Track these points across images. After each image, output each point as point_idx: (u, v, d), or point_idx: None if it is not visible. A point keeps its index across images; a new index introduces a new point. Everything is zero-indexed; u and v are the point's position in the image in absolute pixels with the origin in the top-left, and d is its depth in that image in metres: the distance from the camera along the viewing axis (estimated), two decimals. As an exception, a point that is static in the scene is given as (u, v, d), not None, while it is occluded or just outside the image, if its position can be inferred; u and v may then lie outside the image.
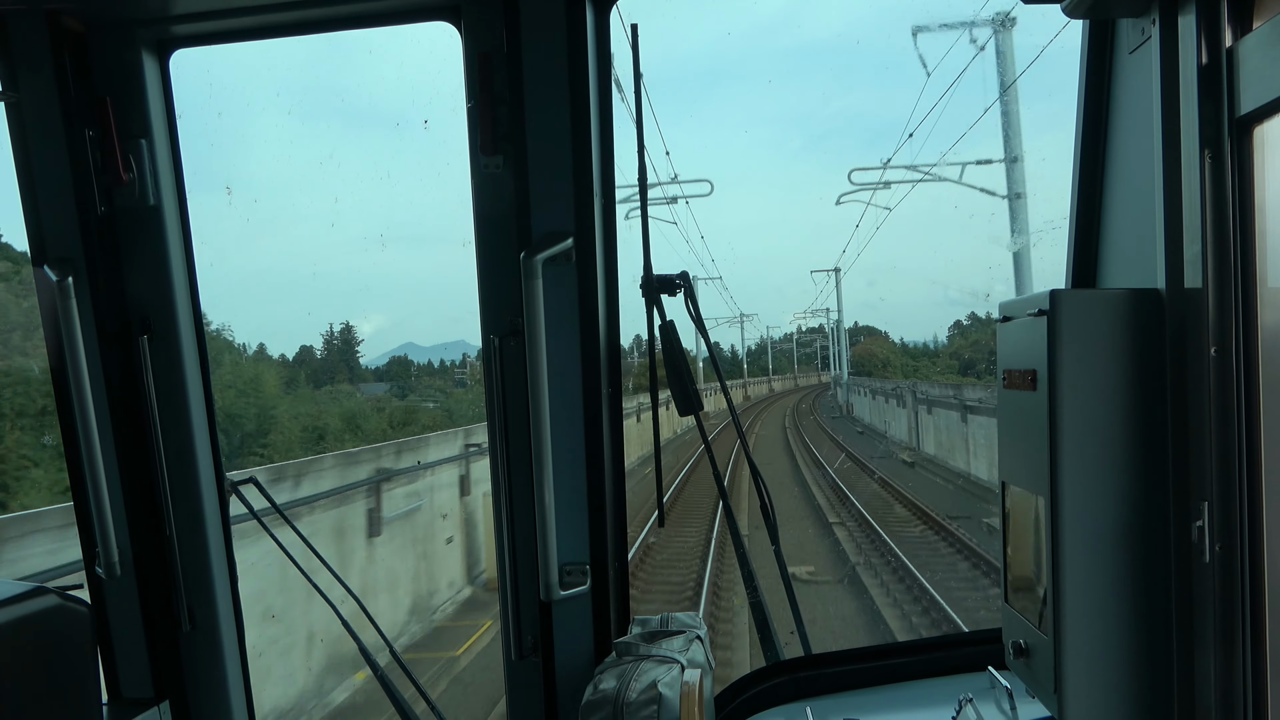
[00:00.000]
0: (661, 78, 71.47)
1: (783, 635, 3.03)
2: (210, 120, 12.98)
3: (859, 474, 29.81)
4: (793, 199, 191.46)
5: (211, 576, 3.00)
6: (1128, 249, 2.16)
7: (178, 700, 3.03)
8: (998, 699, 2.49)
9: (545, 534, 2.62)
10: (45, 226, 2.76)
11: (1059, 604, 1.89)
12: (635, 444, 25.66)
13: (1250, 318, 1.71)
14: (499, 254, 2.69)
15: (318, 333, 48.02)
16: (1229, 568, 1.75)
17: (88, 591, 2.94)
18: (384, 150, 72.06)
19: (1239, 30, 1.73)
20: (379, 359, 43.12)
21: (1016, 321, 2.05)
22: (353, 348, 47.48)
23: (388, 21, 2.77)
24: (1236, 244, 1.72)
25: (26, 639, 2.18)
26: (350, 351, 47.03)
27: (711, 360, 3.17)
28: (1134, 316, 1.88)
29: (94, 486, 2.77)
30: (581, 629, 2.79)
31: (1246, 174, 1.71)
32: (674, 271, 2.81)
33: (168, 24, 2.77)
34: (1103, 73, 2.21)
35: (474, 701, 12.51)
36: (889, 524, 20.96)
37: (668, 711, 2.36)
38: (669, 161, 46.92)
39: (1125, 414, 1.88)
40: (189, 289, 2.93)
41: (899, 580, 16.62)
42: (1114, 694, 1.90)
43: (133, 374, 2.87)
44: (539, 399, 2.56)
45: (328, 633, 12.44)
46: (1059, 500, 1.88)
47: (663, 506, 3.33)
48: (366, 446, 17.33)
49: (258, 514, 3.06)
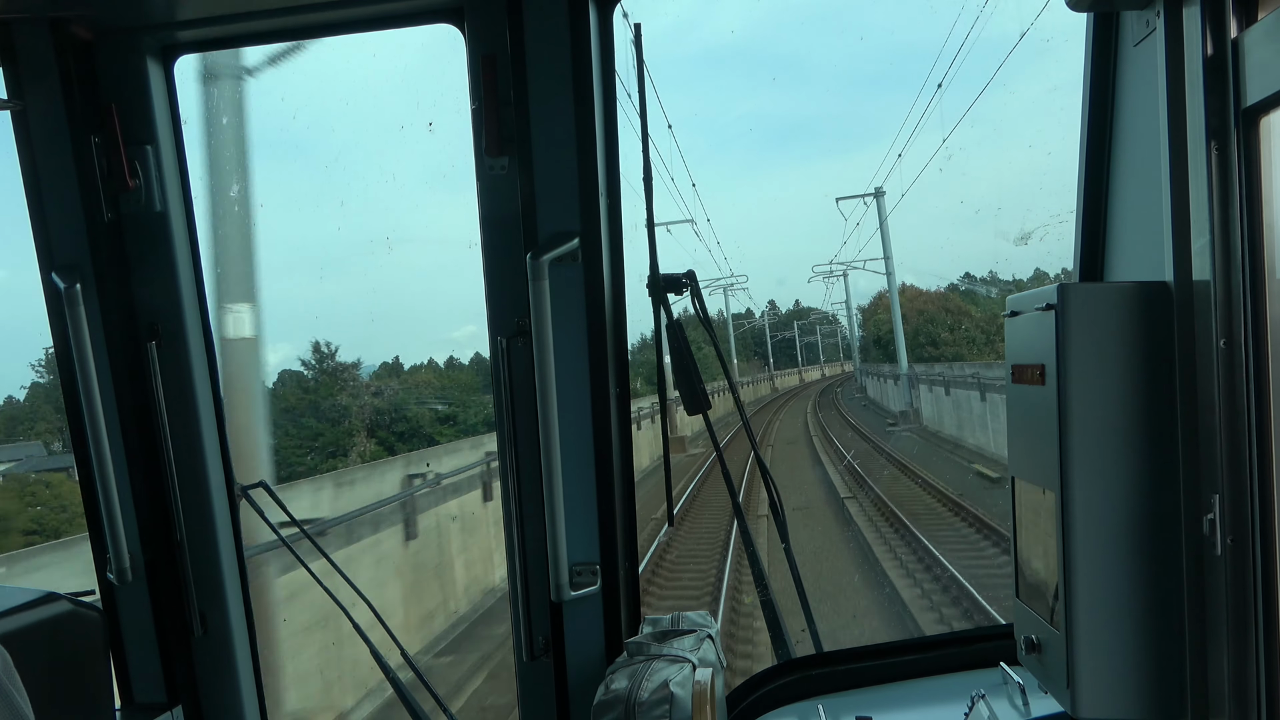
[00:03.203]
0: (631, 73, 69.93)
1: (794, 634, 3.02)
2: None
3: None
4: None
5: (223, 581, 3.01)
6: (1135, 242, 2.15)
7: (190, 705, 3.04)
8: (1010, 695, 2.48)
9: (555, 534, 2.62)
10: (52, 233, 2.78)
11: (1070, 599, 1.89)
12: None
13: (1259, 309, 1.71)
14: (505, 255, 2.69)
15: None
16: (1241, 561, 1.74)
17: (100, 597, 2.95)
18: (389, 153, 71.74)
19: (1244, 21, 1.72)
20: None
21: (1025, 316, 2.04)
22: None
23: (391, 25, 2.77)
24: (1244, 235, 1.71)
25: (40, 645, 2.19)
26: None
27: (719, 359, 3.17)
28: (1142, 309, 1.87)
29: (104, 493, 2.78)
30: (592, 629, 2.79)
31: (1253, 165, 1.70)
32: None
33: (172, 30, 2.77)
34: (1107, 66, 2.21)
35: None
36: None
37: (680, 711, 2.36)
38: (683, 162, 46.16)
39: (1134, 407, 1.87)
40: (196, 294, 2.94)
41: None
42: (1127, 688, 1.89)
43: (142, 380, 2.88)
44: (547, 399, 2.57)
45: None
46: (1069, 495, 1.88)
47: (671, 505, 3.33)
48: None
49: (268, 519, 3.07)
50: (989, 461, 24.79)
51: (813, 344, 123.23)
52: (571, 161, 2.61)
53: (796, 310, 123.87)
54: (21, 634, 2.14)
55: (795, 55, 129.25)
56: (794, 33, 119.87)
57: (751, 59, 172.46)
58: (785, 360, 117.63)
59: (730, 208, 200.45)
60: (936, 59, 44.18)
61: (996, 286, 52.51)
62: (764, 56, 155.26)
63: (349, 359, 30.21)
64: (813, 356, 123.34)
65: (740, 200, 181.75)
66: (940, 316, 56.19)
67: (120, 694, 2.99)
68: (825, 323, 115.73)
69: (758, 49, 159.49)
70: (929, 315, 56.61)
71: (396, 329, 59.06)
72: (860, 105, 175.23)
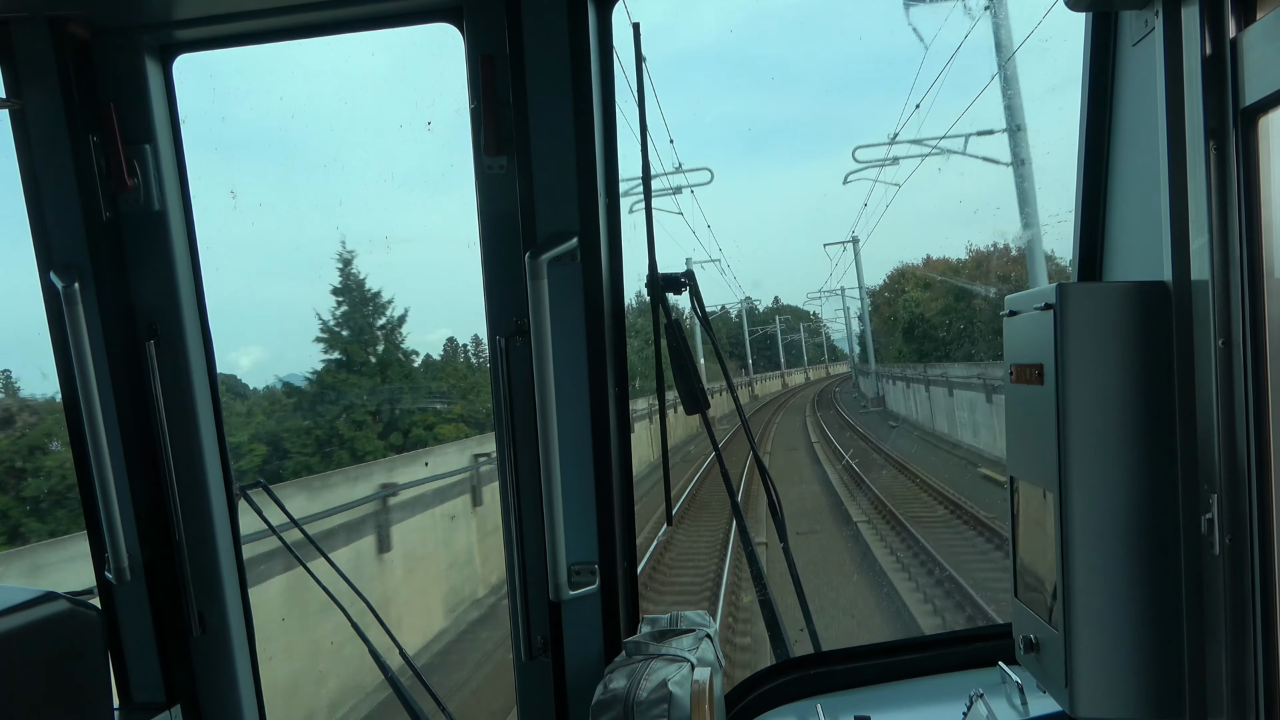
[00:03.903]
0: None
1: (792, 633, 3.01)
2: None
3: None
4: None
5: (221, 581, 3.01)
6: (1133, 242, 2.15)
7: (189, 705, 3.04)
8: (1008, 694, 2.48)
9: (554, 534, 2.62)
10: (51, 233, 2.77)
11: (1069, 598, 1.89)
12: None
13: (1257, 309, 1.71)
14: (504, 255, 2.69)
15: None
16: (1239, 560, 1.74)
17: (98, 597, 2.95)
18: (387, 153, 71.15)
19: (1243, 20, 1.72)
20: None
21: (1023, 315, 2.04)
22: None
23: (390, 24, 2.77)
24: (1242, 235, 1.71)
25: (37, 645, 2.18)
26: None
27: (718, 358, 3.17)
28: (1140, 309, 1.88)
29: (103, 492, 2.78)
30: (591, 628, 2.79)
31: (1252, 165, 1.70)
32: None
33: (171, 29, 2.77)
34: (1106, 65, 2.21)
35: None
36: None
37: (678, 710, 2.36)
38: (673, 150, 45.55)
39: (1133, 407, 1.88)
40: (195, 294, 2.94)
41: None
42: (1125, 687, 1.89)
43: (140, 379, 2.88)
44: (546, 399, 2.57)
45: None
46: (1068, 494, 1.88)
47: (670, 504, 3.33)
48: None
49: (266, 518, 3.07)
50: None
51: (794, 342, 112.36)
52: (570, 161, 2.61)
53: (776, 307, 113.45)
54: (19, 633, 2.14)
55: (783, 56, 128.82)
56: (790, 32, 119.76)
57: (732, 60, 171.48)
58: (763, 363, 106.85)
59: (712, 205, 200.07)
60: (920, 67, 44.06)
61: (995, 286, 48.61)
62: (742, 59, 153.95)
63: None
64: (793, 358, 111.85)
65: (720, 196, 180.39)
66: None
67: (119, 694, 2.99)
68: (808, 320, 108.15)
69: (740, 51, 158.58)
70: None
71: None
72: (839, 109, 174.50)
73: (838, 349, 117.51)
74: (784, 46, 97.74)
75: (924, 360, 38.16)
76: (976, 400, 26.04)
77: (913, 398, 37.69)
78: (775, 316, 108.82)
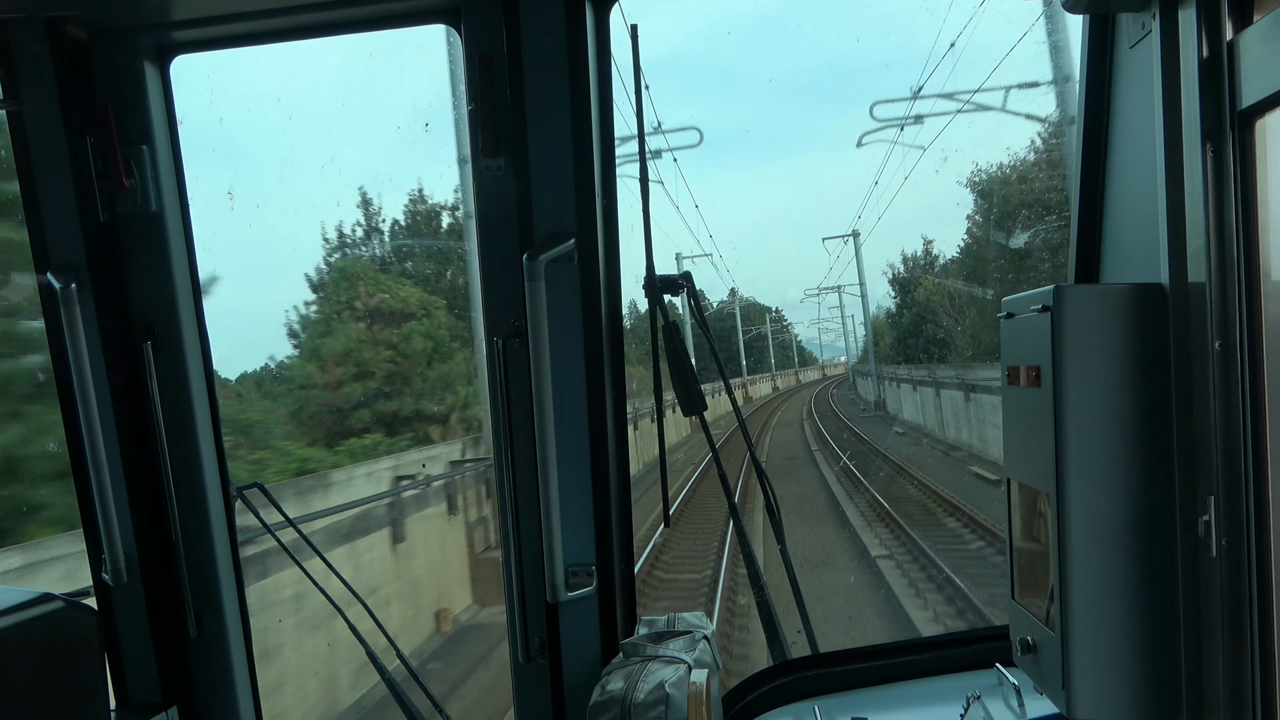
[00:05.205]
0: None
1: (790, 634, 3.02)
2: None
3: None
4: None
5: (218, 582, 3.00)
6: (1131, 244, 2.15)
7: (186, 706, 3.03)
8: (1005, 696, 2.48)
9: (551, 535, 2.62)
10: (48, 234, 2.77)
11: (1066, 600, 1.89)
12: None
13: (1254, 311, 1.71)
14: (501, 255, 2.69)
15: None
16: (1236, 562, 1.74)
17: (95, 598, 2.95)
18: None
19: (1239, 23, 1.72)
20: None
21: (1020, 317, 2.04)
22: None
23: (387, 25, 2.77)
24: (1239, 237, 1.72)
25: (34, 645, 2.18)
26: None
27: (715, 359, 3.17)
28: (1137, 311, 1.88)
29: (100, 493, 2.78)
30: (588, 630, 2.79)
31: (1249, 167, 1.70)
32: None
33: (168, 30, 2.77)
34: (1104, 67, 2.21)
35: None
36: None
37: (675, 712, 2.36)
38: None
39: (1130, 409, 1.88)
40: (192, 295, 2.93)
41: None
42: (1122, 689, 1.90)
43: (137, 380, 2.87)
44: (543, 400, 2.56)
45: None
46: (1065, 496, 1.88)
47: (668, 506, 3.33)
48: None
49: (263, 519, 3.07)
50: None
51: (759, 346, 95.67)
52: (568, 162, 2.61)
53: (733, 301, 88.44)
54: (15, 634, 2.14)
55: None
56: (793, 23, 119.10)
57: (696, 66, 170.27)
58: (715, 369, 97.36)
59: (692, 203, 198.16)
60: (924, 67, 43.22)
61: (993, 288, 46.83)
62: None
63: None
64: (756, 363, 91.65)
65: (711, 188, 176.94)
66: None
67: (115, 694, 2.99)
68: (772, 315, 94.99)
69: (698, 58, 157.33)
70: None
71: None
72: (798, 116, 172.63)
73: (806, 351, 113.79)
74: (784, 50, 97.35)
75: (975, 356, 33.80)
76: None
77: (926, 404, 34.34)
78: (733, 308, 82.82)
